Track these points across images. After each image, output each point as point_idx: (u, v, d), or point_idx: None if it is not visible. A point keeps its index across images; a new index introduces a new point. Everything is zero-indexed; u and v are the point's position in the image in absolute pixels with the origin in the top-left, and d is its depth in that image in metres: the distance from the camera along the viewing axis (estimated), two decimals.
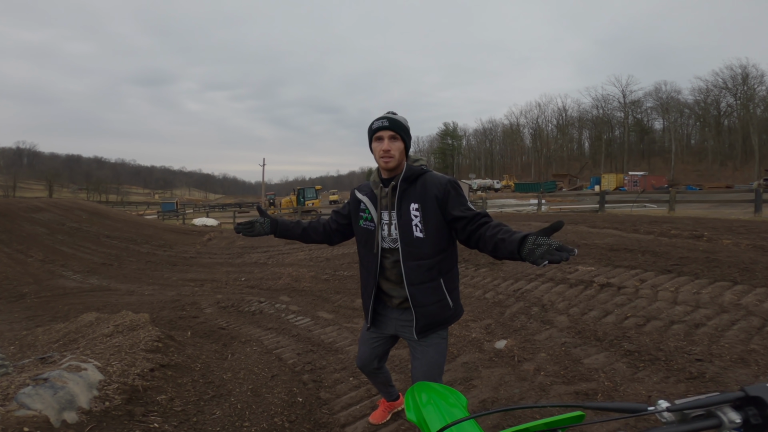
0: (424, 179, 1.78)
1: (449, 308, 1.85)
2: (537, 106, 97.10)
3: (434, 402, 1.18)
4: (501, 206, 23.48)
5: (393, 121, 1.75)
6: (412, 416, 1.18)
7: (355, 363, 2.23)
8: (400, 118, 1.80)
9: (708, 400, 0.66)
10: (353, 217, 1.99)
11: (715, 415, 0.65)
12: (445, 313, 1.84)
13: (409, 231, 1.76)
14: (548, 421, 0.81)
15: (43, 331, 4.51)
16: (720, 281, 4.11)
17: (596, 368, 2.97)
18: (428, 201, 1.74)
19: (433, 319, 1.82)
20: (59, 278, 9.06)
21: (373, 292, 1.91)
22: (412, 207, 1.76)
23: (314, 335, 4.29)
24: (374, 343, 2.07)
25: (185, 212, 32.71)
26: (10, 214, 13.88)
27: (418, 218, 1.75)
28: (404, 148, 1.79)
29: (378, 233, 1.84)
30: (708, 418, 0.66)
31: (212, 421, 2.48)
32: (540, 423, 0.82)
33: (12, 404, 1.90)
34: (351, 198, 2.02)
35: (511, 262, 5.97)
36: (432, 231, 1.75)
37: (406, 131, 1.79)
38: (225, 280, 7.80)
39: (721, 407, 0.66)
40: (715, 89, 61.43)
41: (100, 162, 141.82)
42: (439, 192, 1.73)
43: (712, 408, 0.66)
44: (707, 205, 15.05)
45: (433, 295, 1.80)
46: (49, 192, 78.73)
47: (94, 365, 2.46)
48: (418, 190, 1.77)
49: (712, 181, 49.12)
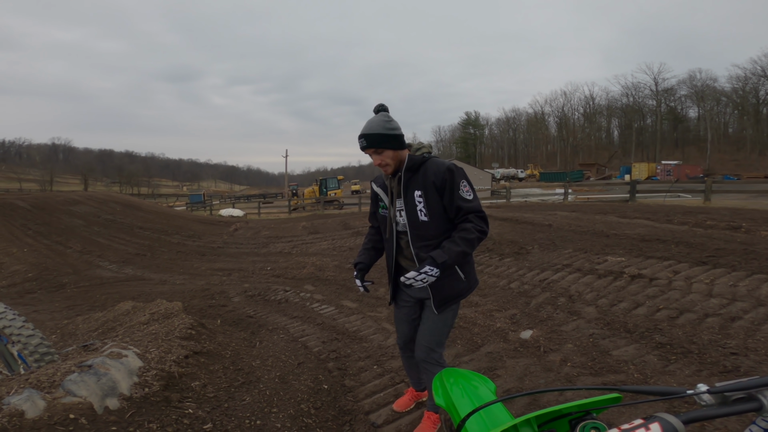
0: (426, 167, 1.93)
1: (461, 281, 2.01)
2: (563, 95, 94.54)
3: (463, 387, 1.19)
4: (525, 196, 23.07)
5: (370, 138, 1.85)
6: (440, 401, 1.19)
7: (396, 342, 2.41)
8: (378, 125, 1.85)
9: (749, 383, 0.64)
10: (373, 206, 2.22)
11: (756, 398, 0.64)
12: (459, 286, 2.01)
13: (414, 216, 1.94)
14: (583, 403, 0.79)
15: (83, 320, 4.73)
16: (758, 274, 3.94)
17: (625, 360, 2.91)
18: (429, 187, 1.90)
19: (448, 293, 1.99)
20: (96, 268, 9.47)
21: (393, 269, 2.13)
22: (416, 194, 1.92)
23: (338, 324, 4.35)
24: (410, 316, 2.22)
25: (212, 203, 33.50)
26: (48, 208, 14.56)
27: (422, 204, 1.91)
28: (396, 150, 1.90)
29: (390, 219, 2.04)
30: (748, 401, 0.65)
31: (242, 407, 2.56)
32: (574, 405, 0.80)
33: (59, 391, 1.96)
34: (371, 192, 2.23)
35: (538, 253, 5.89)
36: (435, 215, 1.92)
37: (387, 139, 1.86)
38: (251, 270, 7.98)
39: (762, 390, 0.64)
40: (754, 77, 58.13)
41: (131, 156, 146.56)
42: (437, 179, 1.88)
43: (753, 391, 0.65)
44: (745, 195, 14.35)
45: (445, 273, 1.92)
46: (85, 186, 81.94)
47: (134, 352, 2.56)
48: (420, 178, 1.92)
49: (751, 170, 46.70)
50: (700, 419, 0.65)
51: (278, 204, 33.14)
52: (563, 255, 5.60)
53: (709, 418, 0.65)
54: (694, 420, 0.64)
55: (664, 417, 0.61)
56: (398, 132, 1.89)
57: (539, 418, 0.84)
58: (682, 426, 0.60)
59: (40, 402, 1.84)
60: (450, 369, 1.36)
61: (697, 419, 0.64)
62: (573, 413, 0.82)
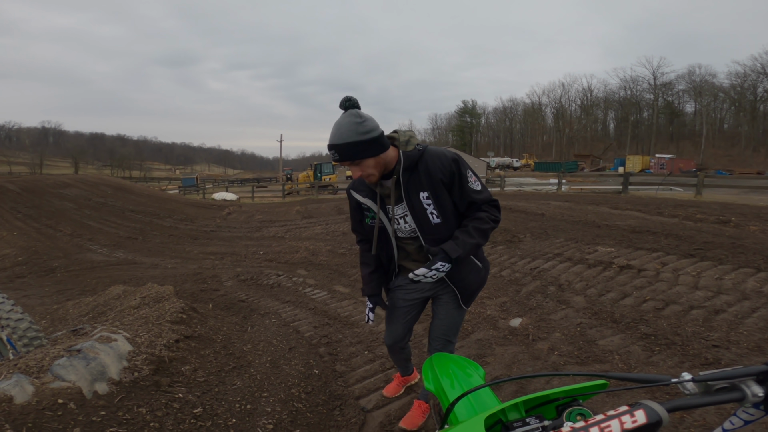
0: (425, 162, 1.69)
1: (480, 269, 1.92)
2: (561, 86, 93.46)
3: (452, 372, 1.21)
4: (519, 185, 23.13)
5: (343, 150, 1.56)
6: (430, 386, 1.21)
7: (384, 341, 2.22)
8: (350, 133, 1.54)
9: (732, 373, 0.65)
10: (358, 216, 1.94)
11: (739, 387, 0.65)
12: (480, 275, 1.93)
13: (425, 219, 1.74)
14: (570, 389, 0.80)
15: (73, 304, 4.70)
16: (744, 267, 4.01)
17: (611, 350, 2.96)
18: (437, 186, 1.69)
19: (474, 287, 1.93)
20: (87, 252, 9.40)
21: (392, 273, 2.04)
22: (422, 196, 1.70)
23: (331, 309, 4.38)
24: (407, 316, 2.06)
25: (205, 187, 33.21)
26: (38, 191, 14.38)
27: (431, 206, 1.71)
28: (377, 155, 1.61)
29: (386, 228, 1.85)
30: (731, 390, 0.66)
31: (233, 392, 2.58)
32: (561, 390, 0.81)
33: (47, 376, 1.95)
34: (350, 200, 1.94)
35: (530, 241, 5.93)
36: (447, 214, 1.75)
37: (364, 147, 1.56)
38: (244, 254, 7.98)
39: (745, 380, 0.65)
40: (753, 74, 58.15)
41: (123, 139, 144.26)
42: (445, 176, 1.68)
43: (736, 381, 0.65)
44: (736, 190, 14.50)
45: (465, 267, 1.85)
46: (75, 169, 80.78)
47: (123, 336, 2.56)
48: (423, 177, 1.69)
49: (744, 166, 47.06)
50: (684, 408, 0.65)
51: (272, 188, 32.96)
52: (555, 244, 5.65)
53: (693, 407, 0.65)
54: (678, 408, 0.65)
55: (649, 404, 0.62)
56: (375, 134, 1.57)
57: (527, 403, 0.86)
58: (666, 413, 0.61)
59: (29, 387, 1.83)
60: (440, 354, 1.38)
61: (681, 407, 0.65)
62: (560, 399, 0.84)
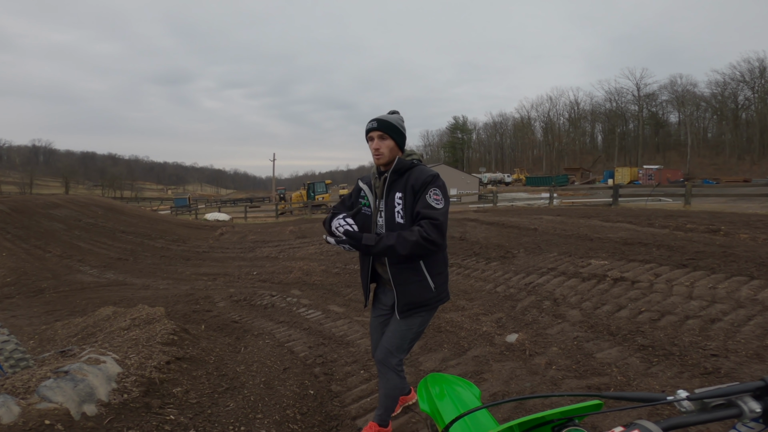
0: (411, 172, 1.96)
1: (430, 290, 1.98)
2: (548, 100, 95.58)
3: (447, 393, 1.19)
4: (512, 200, 23.29)
5: (382, 122, 1.95)
6: (425, 407, 1.19)
7: (372, 355, 2.34)
8: (392, 117, 1.97)
9: (728, 390, 0.65)
10: (350, 199, 2.21)
11: (736, 404, 0.65)
12: (426, 294, 1.98)
13: (392, 217, 1.94)
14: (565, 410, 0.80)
15: (62, 325, 4.61)
16: (737, 276, 4.04)
17: (609, 363, 2.94)
18: (408, 191, 1.92)
19: (413, 298, 1.97)
20: (77, 273, 9.25)
21: (368, 274, 2.11)
22: (397, 196, 1.94)
23: (325, 328, 4.32)
24: (384, 325, 2.21)
25: (197, 207, 33.03)
26: (27, 211, 14.20)
27: (400, 206, 1.93)
28: (396, 145, 1.97)
29: (375, 218, 2.03)
30: (728, 407, 0.65)
31: (226, 413, 2.52)
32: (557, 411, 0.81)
33: (33, 397, 1.93)
34: (354, 187, 2.23)
35: (524, 256, 5.94)
36: (411, 218, 1.91)
37: (395, 130, 1.96)
38: (237, 274, 7.89)
39: (742, 396, 0.65)
40: (733, 82, 59.82)
41: (114, 159, 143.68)
42: (417, 184, 1.90)
43: (733, 397, 0.65)
44: (724, 199, 14.75)
45: (412, 275, 1.95)
46: (66, 189, 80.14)
47: (112, 358, 2.50)
48: (404, 181, 1.94)
49: (730, 174, 48.06)
50: (680, 426, 0.64)
51: (265, 208, 32.85)
52: (548, 259, 5.67)
53: (689, 425, 0.64)
54: (674, 427, 0.64)
55: (644, 424, 0.61)
56: (405, 132, 2.02)
57: (522, 425, 0.85)
58: None
59: (15, 408, 1.80)
60: (435, 374, 1.35)
61: (677, 426, 0.64)
62: (555, 420, 0.83)
